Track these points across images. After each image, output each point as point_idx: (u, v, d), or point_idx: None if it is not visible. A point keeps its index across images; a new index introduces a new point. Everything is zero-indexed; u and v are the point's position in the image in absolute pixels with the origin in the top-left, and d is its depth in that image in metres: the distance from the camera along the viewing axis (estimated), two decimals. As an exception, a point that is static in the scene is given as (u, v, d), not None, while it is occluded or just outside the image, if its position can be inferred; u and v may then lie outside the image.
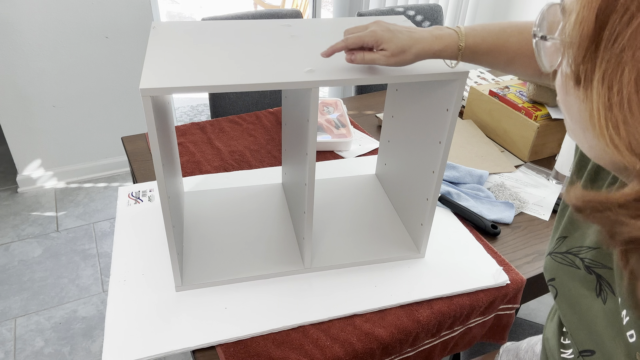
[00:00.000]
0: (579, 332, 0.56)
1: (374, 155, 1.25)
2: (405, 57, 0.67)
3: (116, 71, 2.22)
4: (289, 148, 0.95)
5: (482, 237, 1.00)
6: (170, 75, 0.66)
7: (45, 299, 1.78)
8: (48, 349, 1.61)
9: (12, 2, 1.90)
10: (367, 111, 1.49)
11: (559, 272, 0.60)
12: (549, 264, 0.62)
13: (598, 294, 0.54)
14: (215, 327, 0.78)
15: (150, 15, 2.16)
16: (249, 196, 1.06)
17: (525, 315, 1.76)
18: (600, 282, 0.54)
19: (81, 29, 2.07)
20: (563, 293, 0.59)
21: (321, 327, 0.80)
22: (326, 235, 0.96)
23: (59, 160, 2.34)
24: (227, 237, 0.94)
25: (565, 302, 0.59)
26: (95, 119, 2.30)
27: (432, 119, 0.81)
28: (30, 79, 2.08)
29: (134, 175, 1.17)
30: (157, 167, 0.69)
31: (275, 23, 0.87)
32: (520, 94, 1.29)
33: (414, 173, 0.91)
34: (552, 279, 0.61)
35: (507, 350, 0.92)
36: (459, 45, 0.67)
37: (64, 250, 1.99)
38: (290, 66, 0.71)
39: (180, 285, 0.83)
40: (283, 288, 0.86)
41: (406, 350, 0.85)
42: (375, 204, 1.05)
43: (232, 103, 1.70)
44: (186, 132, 1.32)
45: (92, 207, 2.23)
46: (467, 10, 2.77)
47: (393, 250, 0.93)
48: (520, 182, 1.17)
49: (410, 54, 0.67)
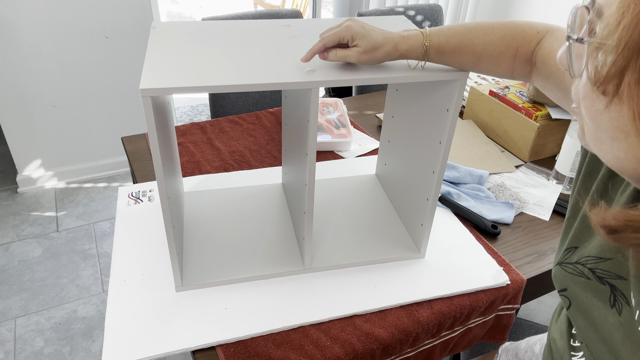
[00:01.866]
0: (596, 345, 0.55)
1: (374, 155, 1.25)
2: (376, 55, 0.69)
3: (116, 71, 2.22)
4: (289, 148, 0.95)
5: (482, 237, 1.00)
6: (170, 75, 0.66)
7: (45, 299, 1.78)
8: (48, 349, 1.61)
9: (12, 2, 1.90)
10: (367, 111, 1.49)
11: (570, 282, 0.59)
12: (559, 274, 0.61)
13: (612, 305, 0.53)
14: (215, 328, 0.78)
15: (150, 15, 2.16)
16: (249, 196, 1.06)
17: (526, 315, 1.76)
18: (615, 293, 0.53)
19: (81, 29, 2.07)
20: (576, 304, 0.58)
21: (321, 327, 0.80)
22: (326, 235, 0.96)
23: (59, 160, 2.34)
24: (227, 238, 0.94)
25: (579, 313, 0.58)
26: (95, 119, 2.30)
27: (432, 119, 0.81)
28: (30, 79, 2.08)
29: (134, 175, 1.17)
30: (157, 167, 0.69)
31: (275, 23, 0.87)
32: (520, 94, 1.29)
33: (414, 173, 0.91)
34: (563, 289, 0.61)
35: (506, 351, 0.92)
36: (424, 44, 0.69)
37: (64, 250, 1.99)
38: (290, 66, 0.71)
39: (180, 286, 0.83)
40: (283, 288, 0.86)
41: (406, 350, 0.85)
42: (375, 204, 1.05)
43: (232, 103, 1.70)
44: (186, 132, 1.31)
45: (92, 207, 2.23)
46: (467, 10, 2.77)
47: (393, 250, 0.93)
48: (521, 182, 1.17)
49: (381, 52, 0.68)
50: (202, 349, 0.76)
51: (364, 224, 0.99)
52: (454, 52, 0.69)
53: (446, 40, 0.69)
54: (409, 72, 0.71)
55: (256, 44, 0.78)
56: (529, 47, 0.68)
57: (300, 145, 0.80)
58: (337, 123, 1.32)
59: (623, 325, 0.51)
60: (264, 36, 0.82)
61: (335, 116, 1.36)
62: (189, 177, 1.14)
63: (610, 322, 0.53)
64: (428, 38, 0.69)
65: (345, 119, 1.34)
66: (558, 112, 1.22)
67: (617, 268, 0.53)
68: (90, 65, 2.16)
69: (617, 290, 0.52)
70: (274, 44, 0.79)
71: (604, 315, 0.54)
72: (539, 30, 0.67)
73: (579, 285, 0.57)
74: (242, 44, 0.78)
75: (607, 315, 0.53)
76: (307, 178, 0.77)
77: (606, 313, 0.53)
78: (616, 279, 0.53)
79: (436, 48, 0.69)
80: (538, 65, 0.67)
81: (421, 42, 0.69)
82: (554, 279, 0.63)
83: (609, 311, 0.53)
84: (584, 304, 0.57)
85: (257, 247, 0.92)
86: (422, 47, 0.69)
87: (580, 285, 0.57)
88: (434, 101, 0.80)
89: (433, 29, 0.70)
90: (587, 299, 0.56)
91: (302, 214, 0.85)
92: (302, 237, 0.86)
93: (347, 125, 1.31)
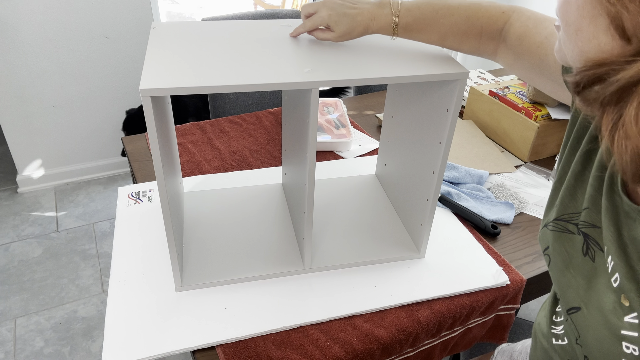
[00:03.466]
0: (569, 290, 0.58)
1: (374, 155, 1.25)
2: (351, 37, 0.78)
3: (116, 71, 2.22)
4: (289, 148, 0.95)
5: (482, 238, 1.00)
6: (170, 75, 0.66)
7: (45, 299, 1.78)
8: (48, 349, 1.61)
9: (12, 2, 1.90)
10: (367, 111, 1.49)
11: (550, 239, 0.62)
12: (544, 234, 0.64)
13: (585, 253, 0.56)
14: (215, 328, 0.78)
15: (150, 16, 2.16)
16: (249, 196, 1.06)
17: (526, 315, 1.76)
18: (588, 241, 0.56)
19: (81, 29, 2.07)
20: (555, 258, 0.62)
21: (321, 327, 0.80)
22: (326, 235, 0.96)
23: (59, 160, 2.34)
24: (227, 238, 0.94)
25: (555, 267, 0.61)
26: (95, 119, 2.30)
27: (432, 119, 0.81)
28: (30, 79, 2.08)
29: (134, 175, 1.17)
30: (157, 167, 0.69)
31: (275, 23, 0.87)
32: (520, 94, 1.29)
33: (414, 173, 0.91)
34: (546, 248, 0.64)
35: (502, 352, 0.92)
36: (393, 25, 0.76)
37: (64, 250, 1.99)
38: (290, 66, 0.71)
39: (180, 286, 0.83)
40: (283, 288, 0.86)
41: (406, 350, 0.85)
42: (375, 204, 1.05)
43: (232, 103, 1.70)
44: (186, 132, 1.32)
45: (92, 207, 2.23)
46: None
47: (393, 250, 0.93)
48: (520, 182, 1.17)
49: (354, 35, 0.77)
50: (202, 349, 0.76)
51: (363, 224, 0.99)
52: (421, 31, 0.77)
53: (413, 20, 0.76)
54: (409, 72, 0.71)
55: (256, 44, 0.78)
56: (496, 26, 0.75)
57: (300, 145, 0.80)
58: (337, 123, 1.32)
59: (597, 269, 0.54)
60: (263, 36, 0.82)
61: (335, 116, 1.36)
62: (189, 177, 1.14)
63: (585, 269, 0.56)
64: (397, 18, 0.76)
65: (345, 119, 1.34)
66: (558, 112, 1.22)
67: (592, 217, 0.56)
68: (90, 66, 2.16)
69: (590, 239, 0.56)
70: (274, 44, 0.79)
71: (578, 263, 0.57)
72: (504, 10, 0.75)
73: (558, 240, 0.61)
74: (242, 44, 0.78)
75: (581, 262, 0.57)
76: (307, 178, 0.77)
77: (580, 261, 0.57)
78: (590, 228, 0.56)
79: (404, 27, 0.77)
80: (511, 42, 0.74)
81: (390, 23, 0.76)
82: (540, 240, 0.66)
83: (582, 259, 0.57)
84: (562, 256, 0.60)
85: (257, 247, 0.92)
86: (392, 27, 0.76)
87: (560, 241, 0.61)
88: (434, 101, 0.80)
89: (404, 9, 0.76)
90: (565, 251, 0.60)
91: (302, 214, 0.85)
92: (302, 237, 0.86)
93: (347, 125, 1.31)
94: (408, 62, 0.74)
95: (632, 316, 0.48)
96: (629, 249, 0.49)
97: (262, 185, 1.10)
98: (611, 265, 0.51)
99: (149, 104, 0.63)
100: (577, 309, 0.56)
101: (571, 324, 0.58)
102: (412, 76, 0.71)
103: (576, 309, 0.56)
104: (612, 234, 0.51)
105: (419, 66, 0.73)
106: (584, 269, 0.56)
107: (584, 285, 0.55)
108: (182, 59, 0.71)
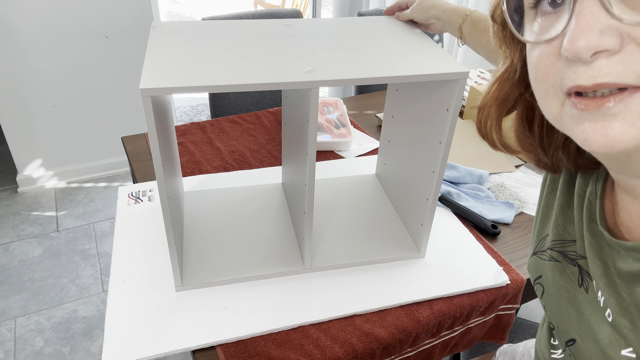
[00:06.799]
0: (565, 323, 0.58)
1: (374, 155, 1.25)
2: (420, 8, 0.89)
3: (116, 71, 2.22)
4: (289, 148, 0.95)
5: (482, 237, 1.00)
6: (170, 75, 0.66)
7: (45, 299, 1.78)
8: (48, 349, 1.61)
9: (12, 2, 1.90)
10: (367, 111, 1.49)
11: (545, 268, 0.62)
12: (534, 262, 0.64)
13: (580, 284, 0.56)
14: (215, 327, 0.78)
15: (150, 15, 2.16)
16: (249, 196, 1.06)
17: (526, 315, 1.76)
18: (582, 273, 0.56)
19: (81, 29, 2.07)
20: (549, 289, 0.61)
21: (321, 327, 0.80)
22: (326, 235, 0.96)
23: (59, 160, 2.34)
24: (227, 237, 0.94)
25: (550, 297, 0.61)
26: (95, 119, 2.30)
27: (432, 119, 0.81)
28: (30, 79, 2.08)
29: (134, 175, 1.17)
30: (157, 167, 0.69)
31: (275, 23, 0.87)
32: (520, 94, 1.29)
33: (414, 173, 0.91)
34: (539, 277, 0.63)
35: (504, 353, 0.92)
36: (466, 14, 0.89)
37: (64, 250, 1.99)
38: (290, 66, 0.71)
39: (180, 285, 0.83)
40: (283, 288, 0.86)
41: (406, 350, 0.85)
42: (375, 204, 1.05)
43: (232, 103, 1.70)
44: (186, 132, 1.32)
45: (92, 207, 2.24)
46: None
47: (393, 250, 0.93)
48: (521, 182, 1.17)
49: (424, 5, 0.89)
50: (202, 348, 0.76)
51: (364, 224, 0.99)
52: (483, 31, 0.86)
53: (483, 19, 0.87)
54: (409, 72, 0.71)
55: (256, 44, 0.78)
56: None
57: (300, 145, 0.80)
58: (337, 123, 1.32)
59: (590, 301, 0.54)
60: (264, 36, 0.82)
61: (335, 116, 1.36)
62: (189, 177, 1.14)
63: (579, 300, 0.56)
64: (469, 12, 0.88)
65: (345, 118, 1.34)
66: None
67: (579, 248, 0.56)
68: (90, 65, 2.16)
69: (582, 270, 0.56)
70: (274, 44, 0.79)
71: (574, 295, 0.57)
72: None
73: (551, 270, 0.60)
74: (242, 44, 0.78)
75: (577, 294, 0.56)
76: (307, 178, 0.77)
77: (575, 292, 0.56)
78: (580, 259, 0.56)
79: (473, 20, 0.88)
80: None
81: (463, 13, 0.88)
82: (530, 269, 0.66)
83: (577, 290, 0.56)
84: (556, 286, 0.59)
85: (257, 247, 0.92)
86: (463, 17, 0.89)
87: (552, 270, 0.60)
88: (434, 101, 0.80)
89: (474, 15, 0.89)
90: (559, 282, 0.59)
91: (302, 214, 0.85)
92: (302, 237, 0.86)
93: (347, 125, 1.31)
94: (408, 62, 0.74)
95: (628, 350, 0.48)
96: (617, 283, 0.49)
97: (262, 185, 1.10)
98: (602, 300, 0.51)
99: (149, 104, 0.63)
100: (574, 341, 0.56)
101: (570, 354, 0.58)
102: (412, 76, 0.71)
103: (573, 341, 0.56)
104: (598, 268, 0.51)
105: (419, 66, 0.73)
106: (580, 301, 0.56)
107: (580, 318, 0.55)
108: (182, 59, 0.71)
